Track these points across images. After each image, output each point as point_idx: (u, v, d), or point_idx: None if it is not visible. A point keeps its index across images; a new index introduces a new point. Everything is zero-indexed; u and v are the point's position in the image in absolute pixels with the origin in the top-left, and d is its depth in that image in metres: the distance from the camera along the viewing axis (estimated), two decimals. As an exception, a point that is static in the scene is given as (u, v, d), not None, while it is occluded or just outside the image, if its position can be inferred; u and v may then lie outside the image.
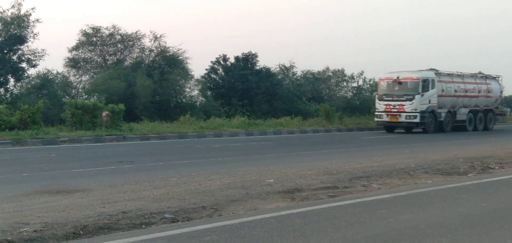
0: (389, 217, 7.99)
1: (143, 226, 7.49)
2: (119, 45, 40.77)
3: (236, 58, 42.39)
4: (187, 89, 40.74)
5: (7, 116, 23.20)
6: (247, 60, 42.34)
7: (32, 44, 36.20)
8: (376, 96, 31.98)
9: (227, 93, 40.86)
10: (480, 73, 35.55)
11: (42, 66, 37.81)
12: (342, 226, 7.43)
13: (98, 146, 20.25)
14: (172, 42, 60.44)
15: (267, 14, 79.08)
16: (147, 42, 41.26)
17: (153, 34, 40.60)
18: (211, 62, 42.46)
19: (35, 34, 36.13)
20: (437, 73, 31.69)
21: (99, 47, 40.26)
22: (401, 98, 30.26)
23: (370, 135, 28.88)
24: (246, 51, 42.56)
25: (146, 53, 41.31)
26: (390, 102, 30.57)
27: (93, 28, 39.48)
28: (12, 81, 35.89)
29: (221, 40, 69.48)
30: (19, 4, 35.38)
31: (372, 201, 9.18)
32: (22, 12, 35.58)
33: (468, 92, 33.60)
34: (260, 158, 16.35)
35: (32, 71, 36.73)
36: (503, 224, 7.75)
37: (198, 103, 40.52)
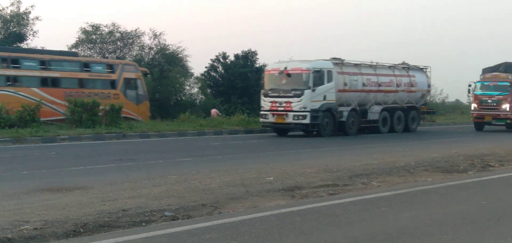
0: (389, 215, 8.00)
1: (143, 223, 7.50)
2: (118, 43, 40.76)
3: (236, 56, 42.38)
4: (187, 87, 40.80)
5: (7, 114, 23.17)
6: (247, 58, 42.33)
7: (31, 42, 36.27)
8: (262, 91, 25.97)
9: (227, 91, 40.84)
10: (403, 63, 30.09)
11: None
12: (342, 223, 7.44)
13: (98, 144, 20.25)
14: (172, 40, 60.40)
15: (267, 12, 79.11)
16: (146, 40, 41.26)
17: (153, 32, 40.61)
18: (211, 60, 42.45)
19: (35, 32, 36.23)
20: (338, 63, 26.12)
21: (98, 44, 40.24)
22: (288, 94, 24.43)
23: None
24: (246, 49, 42.58)
25: (146, 51, 41.31)
26: (276, 99, 24.70)
27: (92, 26, 39.45)
28: (11, 78, 35.83)
29: (221, 37, 69.49)
30: (19, 2, 35.43)
31: (372, 199, 9.18)
32: (21, 10, 35.64)
33: (382, 86, 27.89)
34: (260, 156, 16.35)
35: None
36: (504, 222, 7.76)
37: (198, 101, 40.52)
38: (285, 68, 24.83)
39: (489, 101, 30.33)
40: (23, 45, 35.79)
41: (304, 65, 24.79)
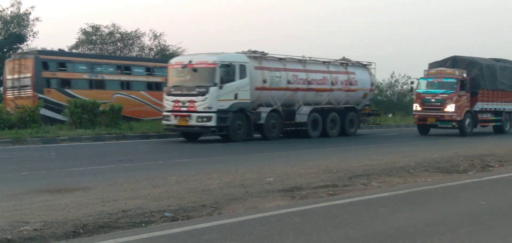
0: (389, 215, 8.00)
1: (143, 224, 7.50)
2: (118, 44, 40.83)
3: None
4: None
5: (7, 115, 23.19)
6: (247, 59, 42.26)
7: (31, 43, 36.27)
8: (164, 88, 22.89)
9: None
10: (343, 59, 26.66)
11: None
12: (342, 224, 7.44)
13: (98, 145, 20.25)
14: (172, 41, 60.43)
15: (269, 10, 79.08)
16: (146, 41, 41.35)
17: (153, 32, 40.73)
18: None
19: (35, 32, 36.24)
20: (256, 57, 22.69)
21: (98, 45, 40.30)
22: (192, 92, 21.06)
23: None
24: (245, 49, 42.54)
25: (146, 52, 41.37)
26: (179, 98, 21.36)
27: (92, 27, 39.56)
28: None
29: (221, 37, 69.52)
30: (19, 3, 35.43)
31: (372, 200, 9.19)
32: (21, 11, 35.63)
33: (313, 84, 24.39)
34: (260, 157, 16.35)
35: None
36: (503, 223, 7.76)
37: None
38: (190, 61, 21.61)
39: (433, 100, 26.39)
40: (24, 46, 35.82)
41: (211, 58, 21.52)
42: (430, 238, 6.70)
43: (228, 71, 21.23)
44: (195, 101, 20.89)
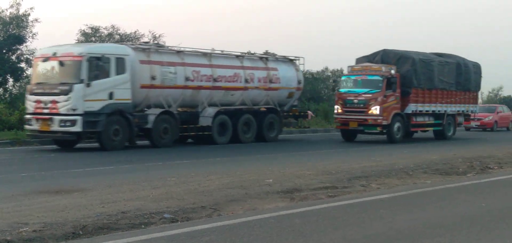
0: (388, 217, 8.00)
1: (142, 226, 7.49)
2: (118, 45, 40.73)
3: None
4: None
5: (6, 116, 23.17)
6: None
7: (31, 44, 36.16)
8: (27, 86, 19.41)
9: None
10: (264, 53, 23.70)
11: (41, 66, 37.93)
12: (341, 226, 7.44)
13: (97, 146, 20.21)
14: (172, 39, 60.43)
15: (269, 10, 79.12)
16: (145, 42, 41.19)
17: (152, 33, 40.62)
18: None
19: (34, 34, 36.10)
20: (142, 49, 19.56)
21: (97, 47, 40.17)
22: (54, 90, 17.56)
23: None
24: (245, 50, 42.52)
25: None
26: (41, 97, 17.80)
27: (92, 28, 39.49)
28: (11, 81, 35.89)
29: (221, 37, 69.58)
30: (18, 4, 35.39)
31: (371, 201, 9.19)
32: (20, 12, 35.58)
33: (220, 82, 21.05)
34: (259, 158, 16.34)
35: (31, 71, 36.70)
36: (502, 224, 7.76)
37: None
38: (54, 53, 17.93)
39: (355, 101, 22.47)
40: (23, 48, 35.80)
41: (77, 49, 18.26)
42: (429, 240, 6.71)
43: (99, 65, 17.70)
44: (57, 102, 17.41)
